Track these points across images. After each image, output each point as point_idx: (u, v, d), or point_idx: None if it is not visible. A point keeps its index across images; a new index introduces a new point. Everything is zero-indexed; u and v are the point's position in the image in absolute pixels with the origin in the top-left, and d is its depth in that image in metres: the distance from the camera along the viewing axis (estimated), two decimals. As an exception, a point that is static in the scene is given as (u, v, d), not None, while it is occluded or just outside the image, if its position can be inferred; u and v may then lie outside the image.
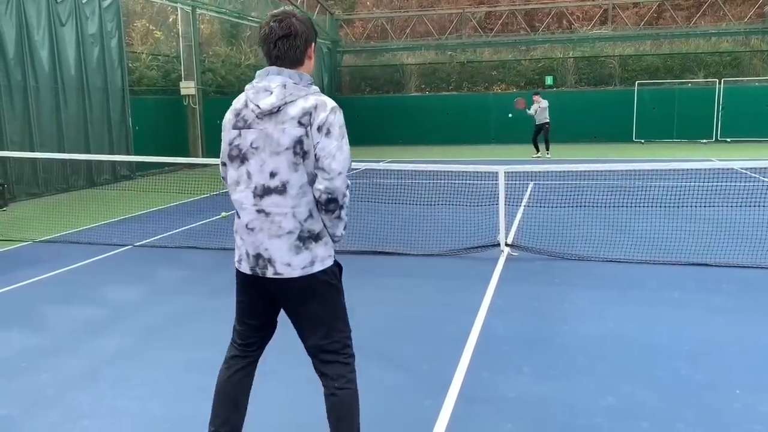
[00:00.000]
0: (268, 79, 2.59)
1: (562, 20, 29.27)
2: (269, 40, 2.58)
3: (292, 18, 2.58)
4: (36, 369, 4.41)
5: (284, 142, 2.52)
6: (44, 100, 13.31)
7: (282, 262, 2.59)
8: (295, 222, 2.58)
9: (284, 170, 2.54)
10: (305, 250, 2.59)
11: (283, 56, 2.59)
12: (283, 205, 2.56)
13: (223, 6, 20.22)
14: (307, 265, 2.60)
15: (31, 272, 7.00)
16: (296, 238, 2.58)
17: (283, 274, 2.59)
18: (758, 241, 7.41)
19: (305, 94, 2.56)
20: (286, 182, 2.54)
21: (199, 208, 11.07)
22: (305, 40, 2.60)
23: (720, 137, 23.52)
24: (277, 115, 2.53)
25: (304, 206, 2.57)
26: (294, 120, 2.51)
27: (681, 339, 4.66)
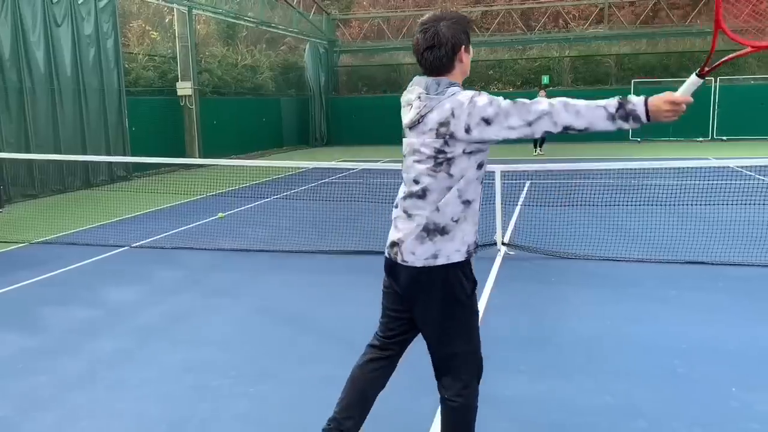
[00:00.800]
0: (410, 91, 2.68)
1: (558, 19, 29.31)
2: (417, 52, 2.62)
3: (439, 24, 2.53)
4: (33, 370, 4.40)
5: (425, 151, 2.60)
6: (40, 101, 13.29)
7: (409, 251, 2.67)
8: (425, 217, 2.66)
9: (425, 177, 2.62)
10: (429, 241, 2.64)
11: (430, 66, 2.60)
12: (421, 207, 2.67)
13: (220, 6, 20.20)
14: (429, 257, 2.64)
15: (27, 273, 6.99)
16: (422, 229, 2.65)
17: (408, 261, 2.67)
18: (755, 239, 7.43)
19: (439, 102, 2.55)
20: (426, 189, 2.64)
21: (195, 208, 11.06)
22: (452, 48, 2.55)
23: (716, 136, 23.58)
24: (418, 126, 2.61)
25: (436, 210, 2.64)
26: (432, 131, 2.56)
27: (677, 337, 4.67)
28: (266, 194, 12.34)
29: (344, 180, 14.42)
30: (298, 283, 6.53)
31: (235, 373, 4.28)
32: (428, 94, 2.56)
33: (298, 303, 5.86)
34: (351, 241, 7.93)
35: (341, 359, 4.46)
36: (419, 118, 2.58)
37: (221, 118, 20.56)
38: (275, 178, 14.92)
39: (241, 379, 4.17)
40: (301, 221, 9.59)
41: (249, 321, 5.41)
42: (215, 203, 11.15)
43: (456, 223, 2.64)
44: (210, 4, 19.77)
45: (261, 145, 23.11)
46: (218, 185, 12.27)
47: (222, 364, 4.42)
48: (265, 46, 26.37)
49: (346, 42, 30.05)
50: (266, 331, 5.17)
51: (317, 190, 13.08)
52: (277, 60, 26.53)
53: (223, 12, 20.72)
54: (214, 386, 4.07)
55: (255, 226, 9.28)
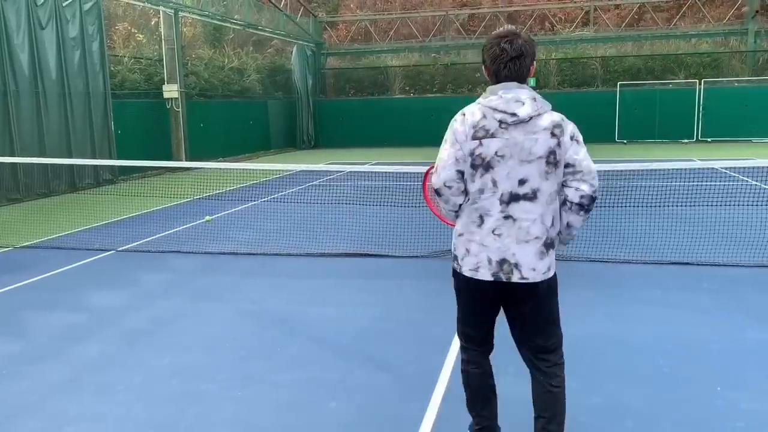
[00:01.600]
0: (515, 92, 2.72)
1: (544, 22, 29.48)
2: (501, 61, 2.72)
3: (520, 39, 2.73)
4: (18, 375, 4.36)
5: (537, 151, 2.67)
6: (25, 104, 13.16)
7: (528, 267, 2.72)
8: (542, 228, 2.73)
9: (535, 178, 2.68)
10: (547, 256, 2.76)
11: (513, 75, 2.74)
12: (532, 212, 2.70)
13: (206, 9, 20.13)
14: (546, 270, 2.76)
15: (12, 278, 6.92)
16: (542, 244, 2.73)
17: (529, 279, 2.73)
18: (738, 239, 7.50)
19: (549, 109, 2.76)
20: (536, 190, 2.69)
21: (182, 212, 11.00)
22: (531, 59, 2.77)
23: (701, 137, 23.79)
24: (527, 125, 2.67)
25: (550, 213, 2.74)
26: (547, 131, 2.67)
27: (663, 337, 4.71)
28: (253, 197, 12.31)
29: (332, 182, 14.41)
30: (286, 286, 6.51)
31: (223, 377, 4.26)
32: (541, 99, 2.76)
33: (285, 306, 5.84)
34: (339, 244, 7.93)
35: (329, 362, 4.46)
36: (533, 116, 2.68)
37: (208, 121, 20.48)
38: (263, 181, 14.88)
39: (228, 383, 4.15)
40: (289, 224, 9.57)
41: (236, 324, 5.39)
42: (202, 206, 11.10)
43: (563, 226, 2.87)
44: (196, 6, 19.69)
45: (248, 148, 23.04)
46: (205, 188, 12.21)
47: (209, 368, 4.40)
48: (252, 49, 26.31)
49: (333, 44, 30.05)
50: (254, 334, 5.15)
51: (305, 193, 13.06)
52: (264, 62, 26.48)
53: (210, 14, 20.64)
54: (202, 390, 4.05)
55: (242, 229, 9.25)
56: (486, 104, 2.74)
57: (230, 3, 21.76)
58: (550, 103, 2.79)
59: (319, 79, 28.53)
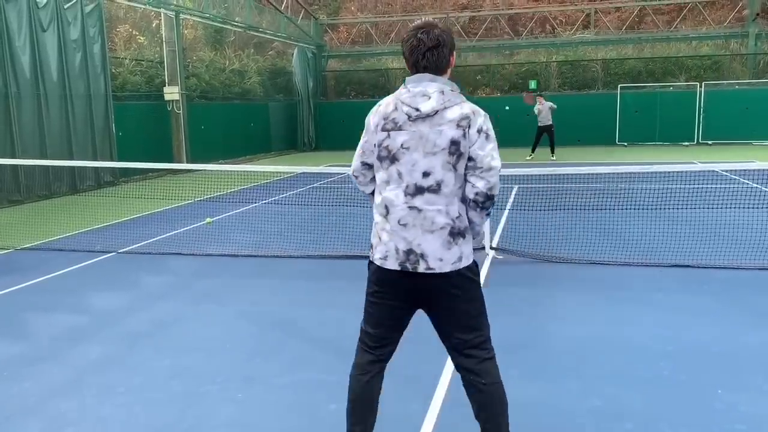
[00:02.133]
0: (423, 85, 2.71)
1: (545, 25, 29.50)
2: (418, 52, 2.70)
3: (437, 29, 2.71)
4: (19, 377, 4.36)
5: (441, 143, 2.65)
6: (26, 106, 13.18)
7: (435, 257, 2.68)
8: (447, 218, 2.69)
9: (438, 170, 2.66)
10: (455, 245, 2.70)
11: (431, 66, 2.71)
12: (436, 203, 2.68)
13: (207, 11, 20.15)
14: (456, 261, 2.70)
15: (13, 280, 6.93)
16: (448, 233, 2.69)
17: (435, 269, 2.68)
18: (739, 242, 7.50)
19: (461, 102, 2.71)
20: (440, 181, 2.67)
21: (183, 213, 11.01)
22: (449, 50, 2.74)
23: (701, 140, 23.79)
24: (433, 118, 2.67)
25: (455, 204, 2.71)
26: (452, 123, 2.65)
27: (664, 340, 4.70)
28: (254, 199, 12.31)
29: (332, 185, 14.42)
30: (286, 288, 6.52)
31: (223, 378, 4.26)
32: (452, 91, 2.71)
33: (285, 308, 5.84)
34: (339, 246, 7.93)
35: (329, 364, 4.46)
36: (441, 109, 2.66)
37: (209, 123, 20.50)
38: (263, 183, 14.89)
39: (228, 385, 4.15)
40: (289, 226, 9.57)
41: (236, 326, 5.39)
42: (203, 208, 11.10)
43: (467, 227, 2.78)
44: (197, 8, 19.72)
45: (249, 150, 23.05)
46: (206, 190, 12.22)
47: (209, 370, 4.40)
48: (253, 51, 26.33)
49: (334, 47, 30.08)
50: (254, 336, 5.15)
51: (305, 195, 13.07)
52: (265, 64, 26.50)
53: (211, 16, 20.67)
54: (202, 392, 4.05)
55: (243, 232, 9.25)
56: (397, 96, 2.75)
57: (231, 5, 21.79)
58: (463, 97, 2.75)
59: (319, 81, 28.56)
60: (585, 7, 28.33)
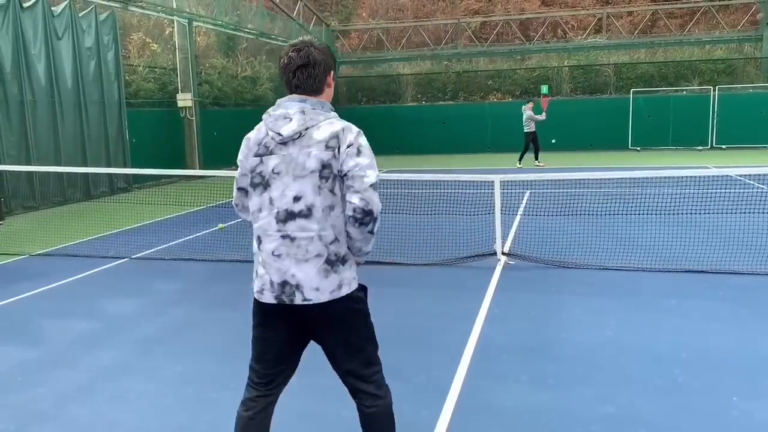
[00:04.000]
0: (284, 106, 2.60)
1: (556, 29, 29.45)
2: (288, 70, 2.60)
3: (311, 47, 2.59)
4: (32, 383, 4.40)
5: (310, 165, 2.51)
6: (41, 113, 13.33)
7: (310, 287, 2.55)
8: (321, 245, 2.54)
9: (309, 193, 2.52)
10: (333, 273, 2.56)
11: (303, 85, 2.60)
12: (308, 229, 2.54)
13: (219, 18, 20.29)
14: (335, 289, 2.57)
15: (27, 286, 6.99)
16: (324, 261, 2.55)
17: (312, 299, 2.55)
18: (755, 247, 7.43)
19: (326, 119, 2.58)
20: (311, 206, 2.53)
21: (196, 219, 11.06)
22: (324, 69, 2.61)
23: (715, 144, 23.61)
24: (301, 139, 2.54)
25: (329, 229, 2.55)
26: (321, 143, 2.52)
27: (678, 346, 4.66)
28: (266, 205, 12.33)
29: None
30: (298, 293, 6.52)
31: (235, 384, 4.26)
32: (314, 110, 2.58)
33: (298, 314, 5.84)
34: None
35: (341, 370, 4.46)
36: (303, 130, 2.53)
37: (221, 130, 20.61)
38: (275, 189, 14.91)
39: (240, 391, 4.14)
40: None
41: (249, 332, 5.39)
42: (215, 214, 11.16)
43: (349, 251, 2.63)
44: (210, 16, 19.86)
45: (261, 156, 23.11)
46: (218, 196, 12.28)
47: (222, 376, 4.41)
48: (265, 58, 26.46)
49: (345, 53, 30.17)
50: (266, 342, 5.16)
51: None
52: (277, 71, 26.53)
53: (223, 24, 20.81)
54: (214, 398, 4.06)
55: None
56: (264, 120, 2.64)
57: (243, 13, 21.93)
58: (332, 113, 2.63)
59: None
60: (597, 11, 28.26)
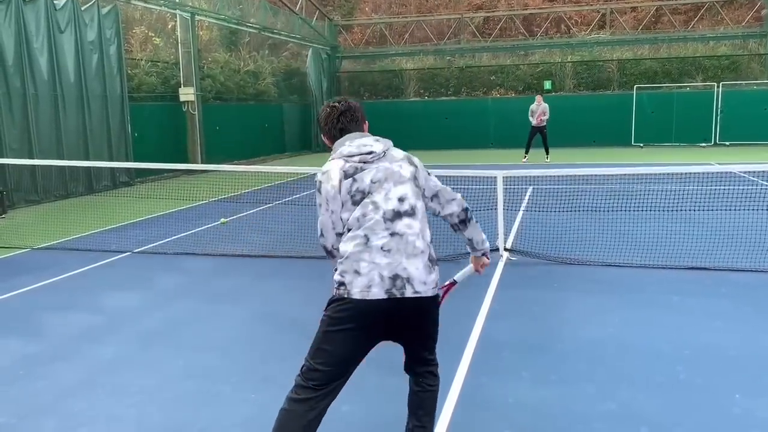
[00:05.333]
0: (359, 139, 2.88)
1: (560, 25, 29.35)
2: (332, 117, 2.93)
3: (348, 100, 3.00)
4: (34, 376, 4.40)
5: (406, 174, 2.85)
6: (43, 107, 13.32)
7: (420, 281, 2.73)
8: (424, 243, 2.81)
9: (411, 196, 2.82)
10: (434, 270, 2.82)
11: (347, 128, 2.92)
12: (413, 227, 2.78)
13: (222, 12, 20.25)
14: (435, 286, 2.81)
15: (29, 279, 7.00)
16: (427, 258, 2.80)
17: (421, 292, 2.73)
18: (757, 244, 7.40)
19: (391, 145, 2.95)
20: (414, 206, 2.81)
21: (198, 214, 11.07)
22: (362, 114, 3.00)
23: (719, 141, 23.55)
24: (387, 157, 2.86)
25: (427, 230, 2.86)
26: (404, 160, 2.89)
27: (680, 343, 4.65)
28: (268, 200, 12.35)
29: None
30: (300, 288, 6.52)
31: (237, 379, 4.27)
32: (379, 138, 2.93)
33: (299, 308, 5.84)
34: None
35: (342, 365, 4.45)
36: (386, 150, 2.86)
37: (223, 124, 20.60)
38: (277, 184, 14.94)
39: (242, 385, 4.16)
40: (303, 227, 9.58)
41: (250, 327, 5.41)
42: (217, 209, 11.15)
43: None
44: (212, 10, 19.83)
45: (263, 151, 23.13)
46: (220, 191, 12.27)
47: (223, 370, 4.41)
48: (267, 52, 26.42)
49: (348, 48, 30.12)
50: (268, 336, 5.16)
51: (319, 196, 13.06)
52: (280, 66, 26.58)
53: (226, 18, 20.77)
54: (215, 392, 4.06)
55: (257, 232, 9.28)
56: (340, 156, 2.84)
57: (246, 7, 21.89)
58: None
59: (334, 82, 28.61)
60: (600, 7, 28.14)
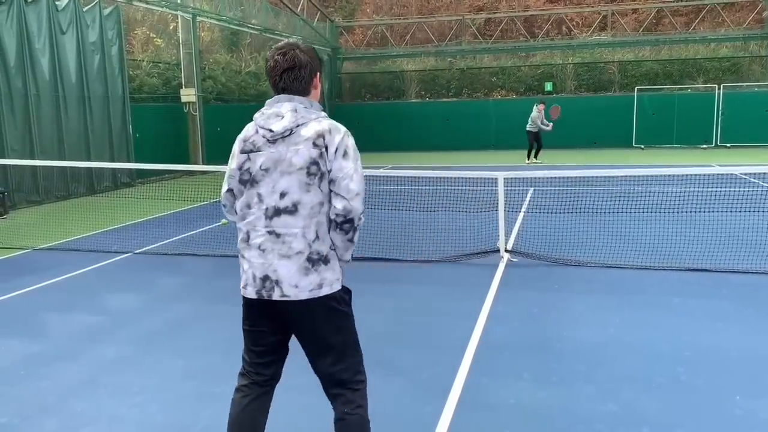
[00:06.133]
0: (277, 106, 2.64)
1: (561, 26, 29.37)
2: (275, 73, 2.64)
3: (296, 50, 2.64)
4: (36, 376, 4.41)
5: (297, 162, 2.55)
6: (45, 107, 13.34)
7: (290, 284, 2.57)
8: (304, 243, 2.57)
9: (295, 190, 2.56)
10: (314, 272, 2.58)
11: (289, 87, 2.64)
12: (293, 226, 2.57)
13: (224, 13, 20.28)
14: (314, 288, 2.58)
15: (31, 280, 7.00)
16: (305, 259, 2.57)
17: (290, 296, 2.57)
18: (758, 246, 7.41)
19: (316, 117, 2.62)
20: (297, 202, 2.56)
21: (199, 215, 11.08)
22: (310, 71, 2.65)
23: (720, 143, 23.54)
24: (290, 137, 2.58)
25: (313, 227, 2.58)
26: (309, 141, 2.56)
27: (681, 345, 4.65)
28: (269, 201, 12.33)
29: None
30: (301, 289, 6.52)
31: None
32: (305, 108, 2.62)
33: (300, 309, 5.84)
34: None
35: (343, 366, 4.46)
36: (294, 127, 2.58)
37: (225, 125, 20.58)
38: (278, 185, 14.91)
39: (243, 386, 4.16)
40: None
41: (251, 327, 5.40)
42: (219, 210, 11.15)
43: (333, 251, 2.65)
44: (214, 11, 19.85)
45: (264, 152, 23.13)
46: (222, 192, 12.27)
47: (225, 370, 4.41)
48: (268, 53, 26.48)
49: (349, 49, 30.14)
50: (269, 337, 5.16)
51: (320, 197, 13.06)
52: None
53: (227, 19, 20.80)
54: (217, 393, 4.06)
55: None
56: (255, 119, 2.69)
57: (247, 8, 21.91)
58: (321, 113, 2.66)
59: (335, 83, 28.63)
60: (602, 8, 28.16)
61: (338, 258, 2.68)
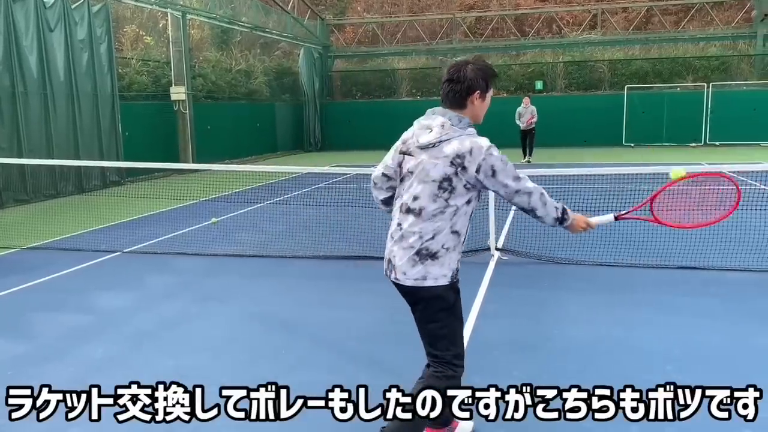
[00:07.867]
0: (431, 118, 2.92)
1: (551, 25, 29.45)
2: (443, 81, 2.95)
3: (467, 65, 2.90)
4: (23, 377, 4.37)
5: (433, 175, 2.84)
6: (33, 106, 13.23)
7: (400, 270, 2.93)
8: (419, 240, 2.89)
9: (425, 197, 2.86)
10: (420, 264, 2.89)
11: (445, 98, 2.93)
12: (414, 225, 2.90)
13: (214, 11, 20.19)
14: (419, 278, 2.89)
15: (19, 279, 6.95)
16: (415, 252, 2.89)
17: (400, 280, 2.95)
18: (746, 244, 7.45)
19: (460, 135, 2.83)
20: (422, 208, 2.87)
21: (189, 213, 11.02)
22: (468, 87, 2.87)
23: (709, 141, 23.69)
24: (433, 149, 2.85)
25: (431, 230, 2.88)
26: (447, 158, 2.81)
27: (670, 343, 4.68)
28: (260, 199, 12.32)
29: (338, 185, 14.41)
30: (292, 288, 6.51)
31: (227, 379, 4.26)
32: (452, 125, 2.85)
33: (291, 308, 5.84)
34: (344, 246, 7.92)
35: (335, 365, 4.46)
36: (437, 142, 2.82)
37: (215, 123, 20.53)
38: (269, 183, 14.90)
39: (234, 385, 4.14)
40: (295, 226, 9.57)
41: (242, 326, 5.39)
42: (208, 208, 11.12)
43: (447, 251, 2.92)
44: (204, 8, 19.76)
45: (255, 150, 23.08)
46: (212, 190, 12.23)
47: (215, 370, 4.40)
48: (259, 51, 26.37)
49: (340, 47, 30.09)
50: (259, 336, 5.15)
51: (311, 195, 13.07)
52: (272, 65, 26.54)
53: (217, 17, 20.71)
54: (207, 392, 4.04)
55: (248, 231, 9.26)
56: (413, 126, 3.02)
57: (238, 6, 21.83)
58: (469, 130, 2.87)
59: (326, 81, 28.58)
60: (592, 7, 28.25)
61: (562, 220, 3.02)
